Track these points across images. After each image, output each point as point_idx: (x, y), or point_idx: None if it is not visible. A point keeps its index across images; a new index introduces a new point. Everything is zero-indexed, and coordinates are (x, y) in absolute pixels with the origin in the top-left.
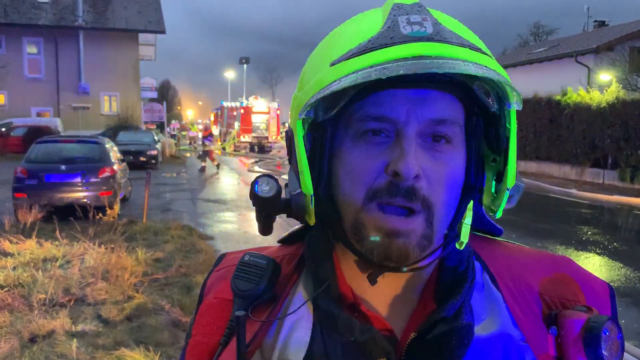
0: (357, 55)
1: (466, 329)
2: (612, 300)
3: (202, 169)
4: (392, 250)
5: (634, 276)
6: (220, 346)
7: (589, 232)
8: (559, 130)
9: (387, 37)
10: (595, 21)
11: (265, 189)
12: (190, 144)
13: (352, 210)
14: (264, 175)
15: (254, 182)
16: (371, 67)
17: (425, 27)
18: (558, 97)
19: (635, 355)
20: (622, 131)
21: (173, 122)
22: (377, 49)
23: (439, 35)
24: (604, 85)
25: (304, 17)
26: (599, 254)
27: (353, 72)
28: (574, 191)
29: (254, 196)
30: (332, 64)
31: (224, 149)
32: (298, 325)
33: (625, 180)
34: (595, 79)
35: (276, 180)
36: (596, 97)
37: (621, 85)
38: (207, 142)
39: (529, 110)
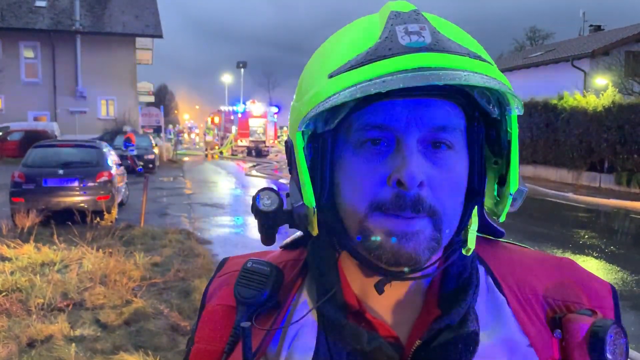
0: (356, 68)
1: (471, 337)
2: (615, 301)
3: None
4: (402, 254)
5: (631, 279)
6: (224, 354)
7: (586, 236)
8: (555, 134)
9: (386, 49)
10: (591, 25)
11: (266, 203)
12: (206, 149)
13: (356, 219)
14: (265, 188)
15: (256, 197)
16: (370, 80)
17: (423, 37)
18: (554, 101)
19: (634, 358)
20: (618, 135)
21: (170, 126)
22: (375, 61)
23: (437, 45)
24: (600, 89)
25: (298, 22)
26: (596, 258)
27: (352, 86)
28: (570, 195)
29: (256, 210)
30: (331, 76)
31: (221, 153)
32: (303, 333)
33: (622, 184)
34: (592, 83)
35: (277, 193)
36: (592, 101)
37: (617, 90)
38: (125, 148)
39: (526, 115)
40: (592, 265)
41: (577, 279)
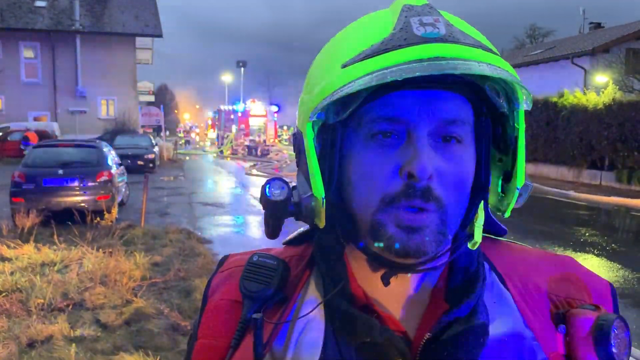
0: (371, 57)
1: (481, 328)
2: (614, 298)
3: None
4: (410, 246)
5: (633, 277)
6: (230, 349)
7: (587, 234)
8: (555, 132)
9: (401, 39)
10: (591, 23)
11: (276, 193)
12: (250, 152)
13: (367, 212)
14: (275, 178)
15: (265, 186)
16: (386, 68)
17: (438, 28)
18: (555, 99)
19: (635, 357)
20: (618, 133)
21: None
22: (390, 50)
23: (452, 36)
24: (600, 86)
25: (295, 22)
26: (597, 256)
27: (367, 74)
28: (571, 193)
29: (265, 200)
30: (344, 66)
31: (221, 152)
32: (310, 327)
33: (622, 181)
34: (592, 80)
35: (287, 184)
36: (593, 99)
37: (617, 87)
38: (23, 146)
39: (526, 112)
40: (593, 263)
41: (578, 276)
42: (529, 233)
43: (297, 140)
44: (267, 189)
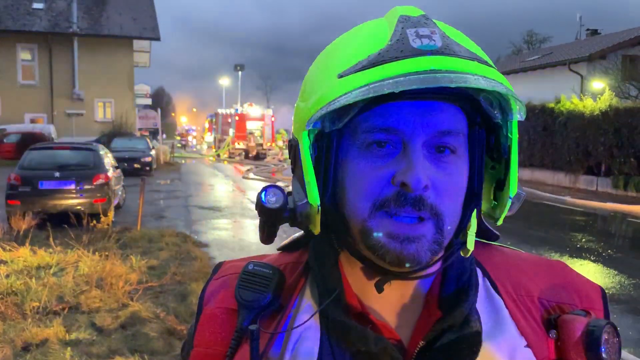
0: (368, 68)
1: (474, 337)
2: (604, 302)
3: None
4: (405, 255)
5: (628, 283)
6: (226, 357)
7: (583, 240)
8: (552, 137)
9: (397, 50)
10: (588, 29)
11: (272, 200)
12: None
13: (359, 219)
14: (271, 185)
15: (261, 193)
16: (383, 80)
17: (434, 41)
18: (551, 105)
19: None
20: (615, 139)
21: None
22: (387, 62)
23: (448, 49)
24: (597, 93)
25: (291, 26)
26: (593, 261)
27: (364, 86)
28: (567, 198)
29: (261, 207)
30: (341, 76)
31: (218, 155)
32: (306, 336)
33: (619, 187)
34: (588, 86)
35: (282, 191)
36: (589, 105)
37: (614, 93)
38: None
39: (523, 119)
40: (589, 268)
41: (570, 281)
42: (525, 238)
43: (292, 148)
44: (263, 196)
